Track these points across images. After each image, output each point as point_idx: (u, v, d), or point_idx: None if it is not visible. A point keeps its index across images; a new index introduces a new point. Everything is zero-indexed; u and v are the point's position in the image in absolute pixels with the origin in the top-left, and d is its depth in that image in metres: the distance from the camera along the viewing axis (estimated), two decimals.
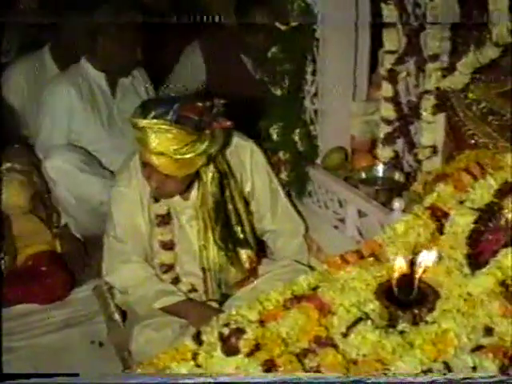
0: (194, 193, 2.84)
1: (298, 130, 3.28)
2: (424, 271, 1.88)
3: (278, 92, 3.26)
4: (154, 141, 2.50)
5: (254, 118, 3.38)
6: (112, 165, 3.78)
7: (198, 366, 1.82)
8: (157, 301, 2.86)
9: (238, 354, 1.81)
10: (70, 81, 3.88)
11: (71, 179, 3.70)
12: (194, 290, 2.96)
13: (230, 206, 2.86)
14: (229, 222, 2.87)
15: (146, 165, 2.65)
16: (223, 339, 1.87)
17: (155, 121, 2.49)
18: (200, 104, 2.59)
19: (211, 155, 2.66)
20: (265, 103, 3.38)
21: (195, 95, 2.90)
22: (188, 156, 2.55)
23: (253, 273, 2.99)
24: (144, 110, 2.54)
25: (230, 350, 1.83)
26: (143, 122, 2.51)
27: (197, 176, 2.77)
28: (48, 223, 3.76)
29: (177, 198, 2.85)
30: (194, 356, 1.86)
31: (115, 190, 2.92)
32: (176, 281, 2.95)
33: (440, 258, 2.00)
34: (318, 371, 1.76)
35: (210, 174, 2.75)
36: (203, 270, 2.92)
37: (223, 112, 2.62)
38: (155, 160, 2.56)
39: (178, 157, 2.53)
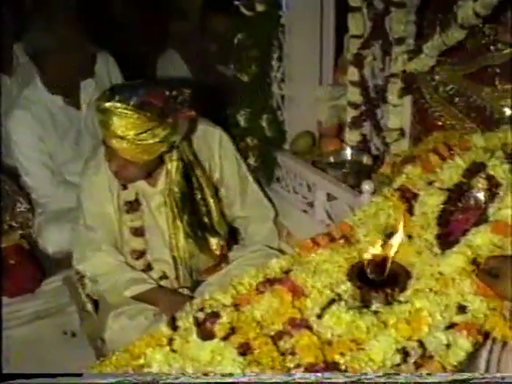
0: (161, 179, 2.84)
1: (265, 116, 3.29)
2: (395, 252, 1.90)
3: (245, 78, 3.26)
4: (115, 124, 2.49)
5: (221, 104, 3.38)
6: None
7: (174, 351, 1.83)
8: (127, 289, 2.86)
9: (213, 339, 1.82)
10: (28, 114, 3.59)
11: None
12: (165, 277, 2.97)
13: (198, 196, 2.86)
14: (197, 211, 2.88)
15: (107, 148, 2.65)
16: (198, 324, 1.88)
17: (118, 104, 2.48)
18: (165, 92, 2.59)
19: (174, 143, 2.66)
20: (232, 89, 3.38)
21: (163, 83, 2.88)
22: (148, 142, 2.54)
23: (223, 259, 3.01)
24: (110, 93, 2.54)
25: (206, 335, 1.83)
26: (106, 105, 2.49)
27: (163, 163, 2.77)
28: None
29: (144, 184, 2.85)
30: (170, 342, 1.86)
31: (84, 179, 2.90)
32: (148, 268, 2.95)
33: (411, 238, 2.03)
34: (293, 353, 1.77)
35: (174, 163, 2.76)
36: (174, 257, 2.93)
37: (189, 102, 2.62)
38: (115, 143, 2.55)
39: (138, 142, 2.53)
